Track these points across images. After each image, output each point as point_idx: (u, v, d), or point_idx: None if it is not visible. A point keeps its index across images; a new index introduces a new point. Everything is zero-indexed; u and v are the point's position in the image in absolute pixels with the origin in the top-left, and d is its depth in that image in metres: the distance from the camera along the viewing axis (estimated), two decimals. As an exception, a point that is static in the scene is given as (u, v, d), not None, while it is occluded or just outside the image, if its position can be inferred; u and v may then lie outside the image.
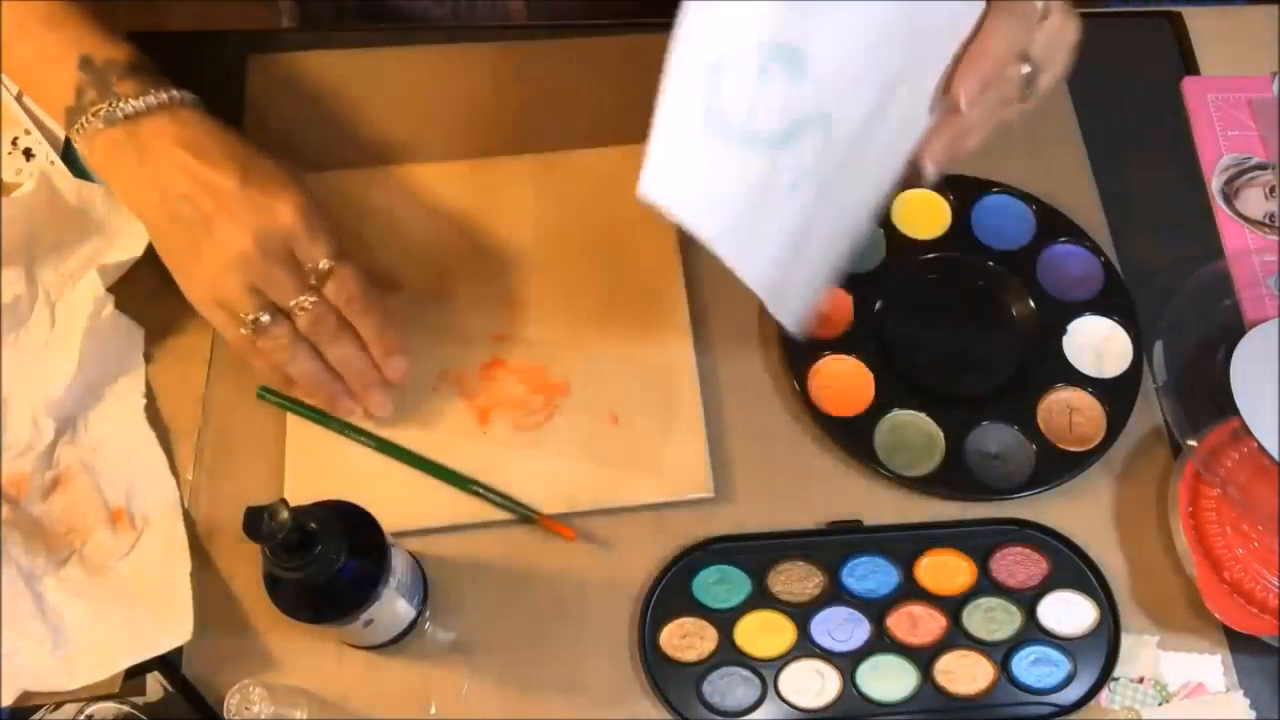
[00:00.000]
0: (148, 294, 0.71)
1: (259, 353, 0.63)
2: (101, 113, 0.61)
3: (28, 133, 0.75)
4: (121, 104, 0.61)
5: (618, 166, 0.74)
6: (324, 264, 0.61)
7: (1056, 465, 0.66)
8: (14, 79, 0.71)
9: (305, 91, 0.78)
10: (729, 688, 0.62)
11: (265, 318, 0.61)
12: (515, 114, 0.77)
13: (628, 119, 0.76)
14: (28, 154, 0.74)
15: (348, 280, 0.62)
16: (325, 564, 0.53)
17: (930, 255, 0.72)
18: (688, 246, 0.72)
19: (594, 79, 0.78)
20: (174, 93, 0.62)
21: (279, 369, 0.64)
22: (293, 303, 0.61)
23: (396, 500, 0.65)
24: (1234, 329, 0.69)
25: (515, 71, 0.78)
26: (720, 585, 0.64)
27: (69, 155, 0.75)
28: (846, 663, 0.62)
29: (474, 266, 0.72)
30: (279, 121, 0.77)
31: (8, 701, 0.60)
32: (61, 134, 0.75)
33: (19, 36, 0.63)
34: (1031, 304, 0.71)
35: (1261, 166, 0.76)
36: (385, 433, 0.67)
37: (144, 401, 0.68)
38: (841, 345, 0.69)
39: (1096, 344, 0.69)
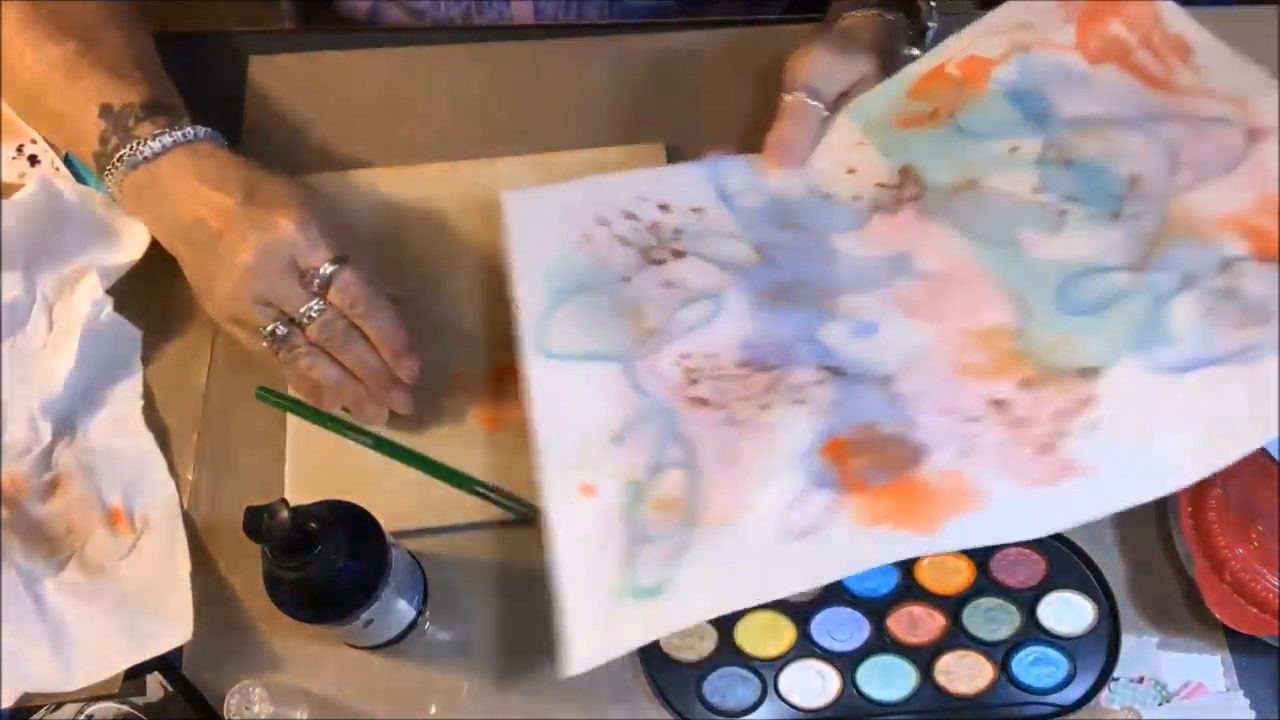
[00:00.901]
0: (147, 296, 0.71)
1: (283, 363, 0.64)
2: (124, 158, 0.64)
3: (33, 141, 0.75)
4: (140, 147, 0.64)
5: (618, 167, 0.74)
6: (326, 269, 0.62)
7: (1056, 465, 0.66)
8: (46, 133, 0.73)
9: (306, 92, 0.78)
10: (729, 688, 0.62)
11: (281, 329, 0.63)
12: (515, 114, 0.77)
13: (628, 119, 0.76)
14: (33, 160, 0.74)
15: (349, 284, 0.63)
16: (325, 564, 0.53)
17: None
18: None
19: (594, 79, 0.78)
20: (189, 130, 0.65)
21: (305, 377, 0.65)
22: (301, 311, 0.62)
23: (396, 500, 0.65)
24: (1234, 329, 0.69)
25: (515, 71, 0.79)
26: (720, 585, 0.64)
27: (71, 162, 0.75)
28: (846, 663, 0.62)
29: (479, 268, 0.72)
30: (280, 122, 0.77)
31: (8, 703, 0.60)
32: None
33: (47, 93, 0.67)
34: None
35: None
36: (392, 436, 0.67)
37: (141, 403, 0.68)
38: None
39: (1096, 344, 0.69)
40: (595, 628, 0.52)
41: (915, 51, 0.68)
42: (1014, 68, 0.62)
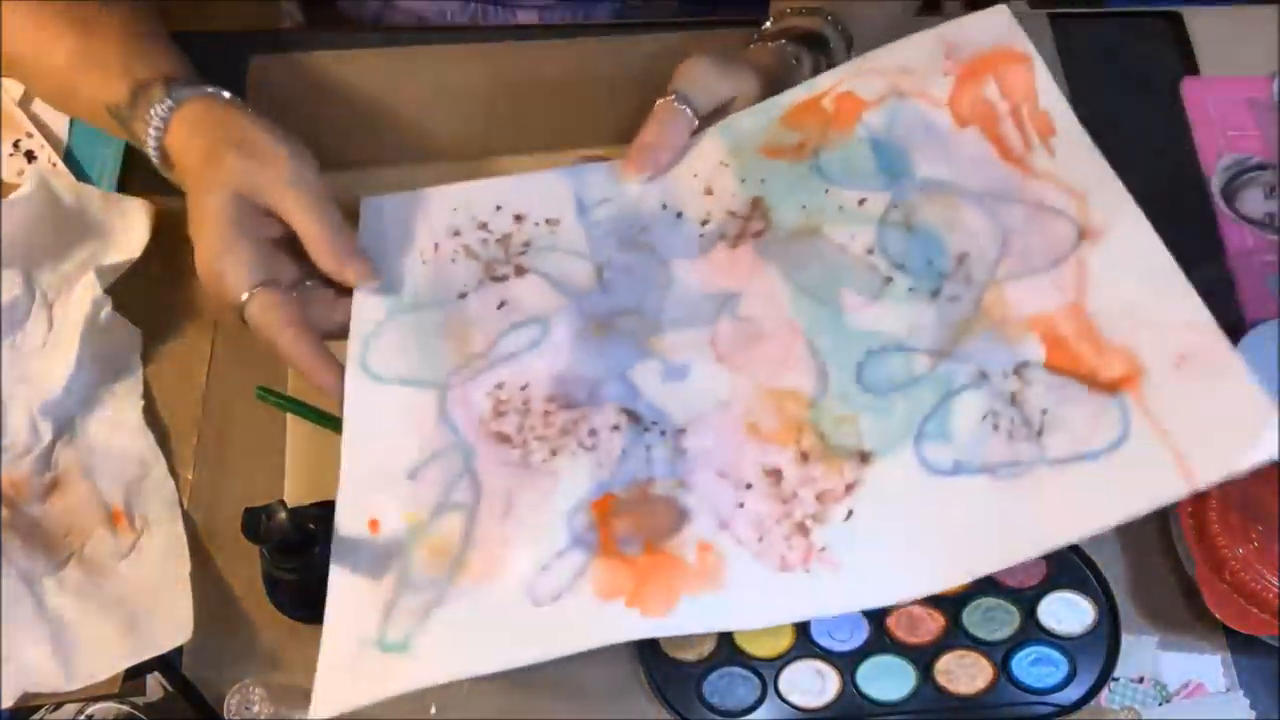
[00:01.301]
0: (147, 295, 0.71)
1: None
2: (155, 162, 0.64)
3: (29, 135, 0.75)
4: (148, 146, 0.63)
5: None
6: (241, 299, 0.59)
7: (1056, 465, 0.66)
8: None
9: (306, 93, 0.78)
10: (729, 688, 0.62)
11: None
12: (515, 114, 0.77)
13: (628, 119, 0.76)
14: (30, 156, 0.75)
15: (254, 326, 0.59)
16: (324, 564, 0.53)
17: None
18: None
19: (594, 79, 0.78)
20: (161, 106, 0.62)
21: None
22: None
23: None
24: (1234, 329, 0.69)
25: (515, 71, 0.79)
26: (720, 585, 0.64)
27: (71, 158, 0.75)
28: (846, 663, 0.62)
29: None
30: (280, 122, 0.77)
31: (8, 703, 0.60)
32: (64, 137, 0.75)
33: (76, 97, 0.66)
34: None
35: (1261, 166, 0.76)
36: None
37: (142, 403, 0.68)
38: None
39: (1096, 344, 0.69)
40: (342, 676, 0.51)
41: None
42: (883, 115, 0.62)
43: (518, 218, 0.64)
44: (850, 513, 0.53)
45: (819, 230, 0.60)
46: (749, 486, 0.55)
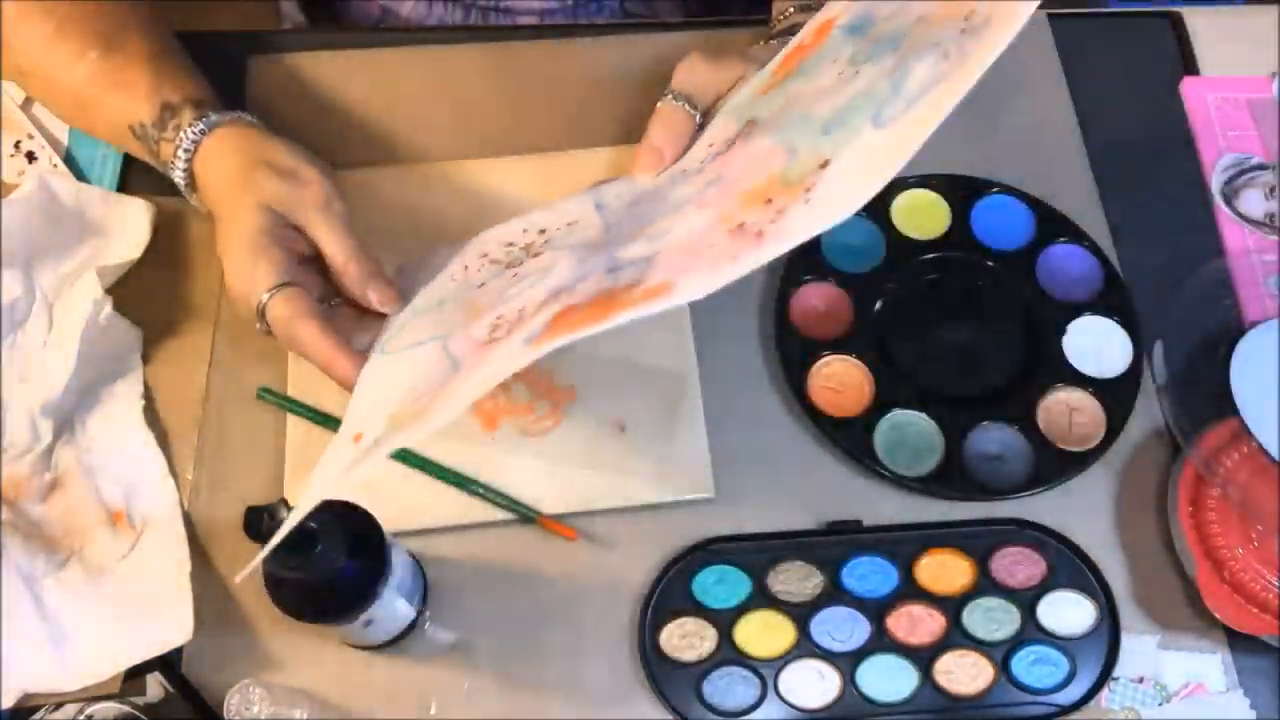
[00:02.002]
0: (147, 295, 0.71)
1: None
2: (179, 184, 0.65)
3: (30, 137, 0.75)
4: (174, 170, 0.65)
5: (617, 167, 0.74)
6: (262, 300, 0.60)
7: (1056, 465, 0.66)
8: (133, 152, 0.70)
9: (306, 93, 0.78)
10: (729, 688, 0.62)
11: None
12: (515, 114, 0.77)
13: (627, 119, 0.76)
14: (30, 157, 0.74)
15: (273, 323, 0.61)
16: (325, 564, 0.53)
17: (930, 255, 0.72)
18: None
19: (595, 79, 0.78)
20: (193, 130, 0.64)
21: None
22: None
23: (396, 500, 0.65)
24: (1234, 329, 0.69)
25: (515, 71, 0.79)
26: (720, 585, 0.64)
27: (71, 158, 0.75)
28: (846, 663, 0.62)
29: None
30: (280, 122, 0.76)
31: (8, 703, 0.60)
32: (64, 138, 0.75)
33: (94, 111, 0.67)
34: (1031, 304, 0.71)
35: (1261, 166, 0.76)
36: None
37: (142, 403, 0.68)
38: (841, 346, 0.69)
39: (1096, 344, 0.69)
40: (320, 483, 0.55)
41: None
42: (851, 13, 0.63)
43: (541, 231, 0.66)
44: (808, 198, 0.52)
45: (797, 97, 0.61)
46: (712, 243, 0.54)
